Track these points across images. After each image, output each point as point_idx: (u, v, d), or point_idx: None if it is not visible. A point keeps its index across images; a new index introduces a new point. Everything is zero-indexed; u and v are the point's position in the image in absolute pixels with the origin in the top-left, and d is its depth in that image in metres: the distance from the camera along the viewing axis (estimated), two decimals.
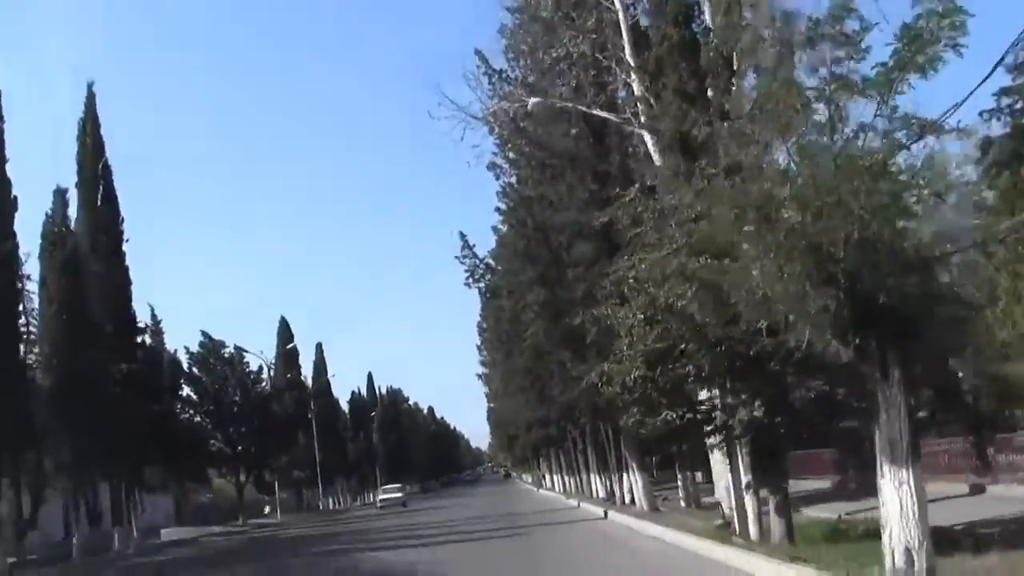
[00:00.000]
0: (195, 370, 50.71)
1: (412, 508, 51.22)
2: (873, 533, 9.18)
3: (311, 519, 52.74)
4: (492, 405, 63.57)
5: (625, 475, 29.27)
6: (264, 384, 53.33)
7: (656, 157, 16.56)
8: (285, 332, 73.77)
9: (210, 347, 51.64)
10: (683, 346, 11.18)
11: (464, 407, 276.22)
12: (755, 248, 7.76)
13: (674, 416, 12.59)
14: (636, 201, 13.26)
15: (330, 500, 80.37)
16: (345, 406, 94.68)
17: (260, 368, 53.66)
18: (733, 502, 15.36)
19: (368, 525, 36.37)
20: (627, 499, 29.21)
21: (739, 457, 14.93)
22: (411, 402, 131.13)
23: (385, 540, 24.96)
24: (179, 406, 47.91)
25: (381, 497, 61.24)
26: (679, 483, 27.27)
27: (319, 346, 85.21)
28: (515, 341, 26.48)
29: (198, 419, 49.78)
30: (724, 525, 15.89)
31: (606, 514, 25.61)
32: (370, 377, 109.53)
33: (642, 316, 11.47)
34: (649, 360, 11.84)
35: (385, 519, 39.14)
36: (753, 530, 14.40)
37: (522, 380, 27.35)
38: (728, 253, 8.51)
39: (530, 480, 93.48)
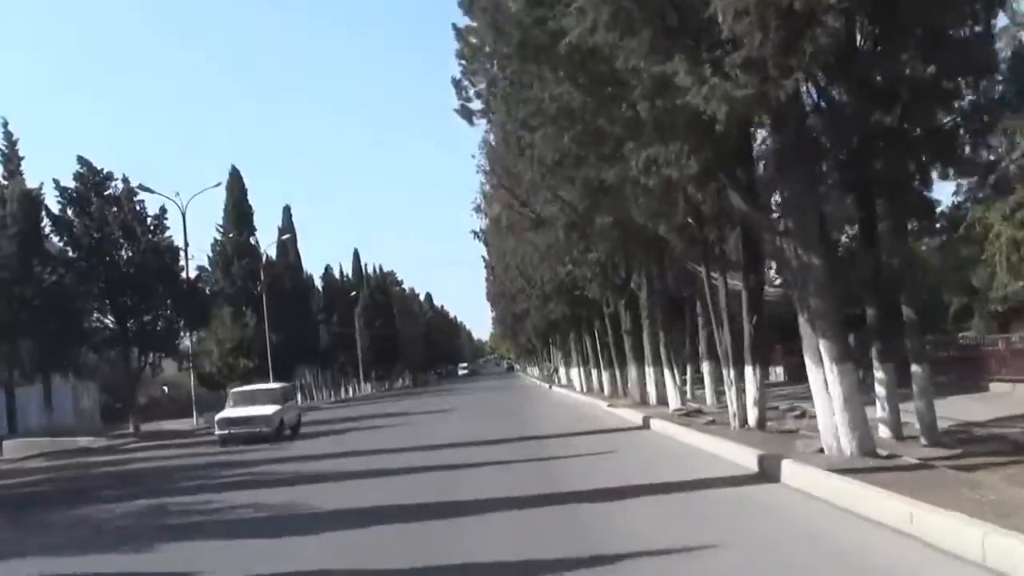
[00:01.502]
0: (69, 212, 35.09)
1: (355, 420, 33.13)
2: None
3: None
4: (491, 276, 48.16)
5: (751, 369, 14.34)
6: (168, 234, 36.90)
7: None
8: (237, 187, 58.12)
9: (90, 180, 35.53)
10: None
11: (472, 302, 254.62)
12: None
13: None
14: None
15: (297, 396, 66.00)
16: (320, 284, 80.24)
17: (162, 211, 37.17)
18: None
19: (287, 452, 21.56)
20: (750, 419, 14.39)
21: None
22: (405, 287, 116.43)
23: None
24: (38, 264, 32.61)
25: (220, 416, 24.95)
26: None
27: (287, 209, 69.85)
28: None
29: (69, 282, 34.18)
30: None
31: (763, 466, 10.38)
32: (356, 255, 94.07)
33: None
34: None
35: (308, 444, 24.08)
36: None
37: (552, 164, 11.70)
38: None
39: (537, 375, 79.55)
